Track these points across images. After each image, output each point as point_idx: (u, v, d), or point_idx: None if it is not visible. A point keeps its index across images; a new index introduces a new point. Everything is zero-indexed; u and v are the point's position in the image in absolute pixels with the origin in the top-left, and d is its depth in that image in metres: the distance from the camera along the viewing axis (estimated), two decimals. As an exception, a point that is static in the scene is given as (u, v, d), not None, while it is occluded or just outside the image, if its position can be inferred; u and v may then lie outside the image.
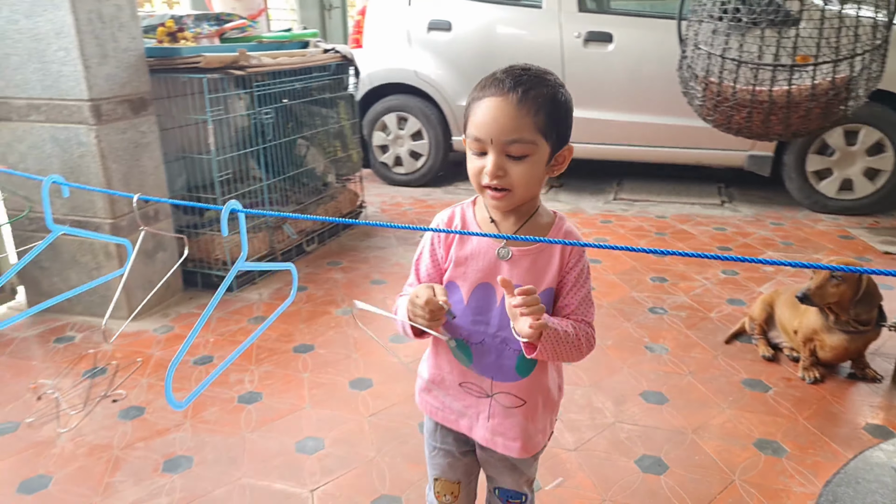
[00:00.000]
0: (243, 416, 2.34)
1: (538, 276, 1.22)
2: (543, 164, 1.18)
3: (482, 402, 1.30)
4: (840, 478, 1.45)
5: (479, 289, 1.24)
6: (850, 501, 1.40)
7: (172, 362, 1.01)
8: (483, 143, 1.14)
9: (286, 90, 3.72)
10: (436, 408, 1.36)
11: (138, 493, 1.97)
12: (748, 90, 3.22)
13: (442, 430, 1.39)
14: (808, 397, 2.39)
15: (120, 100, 2.89)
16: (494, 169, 1.14)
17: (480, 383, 1.29)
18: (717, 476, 1.98)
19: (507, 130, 1.12)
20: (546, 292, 1.24)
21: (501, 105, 1.13)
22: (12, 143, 2.92)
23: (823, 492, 1.42)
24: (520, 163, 1.14)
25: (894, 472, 1.49)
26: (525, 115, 1.12)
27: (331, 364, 2.67)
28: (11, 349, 2.83)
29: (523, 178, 1.15)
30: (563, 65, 4.85)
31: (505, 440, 1.30)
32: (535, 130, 1.13)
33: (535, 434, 1.32)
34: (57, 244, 3.04)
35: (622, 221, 4.46)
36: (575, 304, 1.24)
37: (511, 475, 1.39)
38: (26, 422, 2.32)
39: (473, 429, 1.32)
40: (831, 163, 4.43)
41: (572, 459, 2.07)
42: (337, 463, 2.09)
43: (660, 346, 2.76)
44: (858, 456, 1.50)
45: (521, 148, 1.13)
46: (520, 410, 1.28)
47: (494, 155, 1.14)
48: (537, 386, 1.28)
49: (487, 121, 1.13)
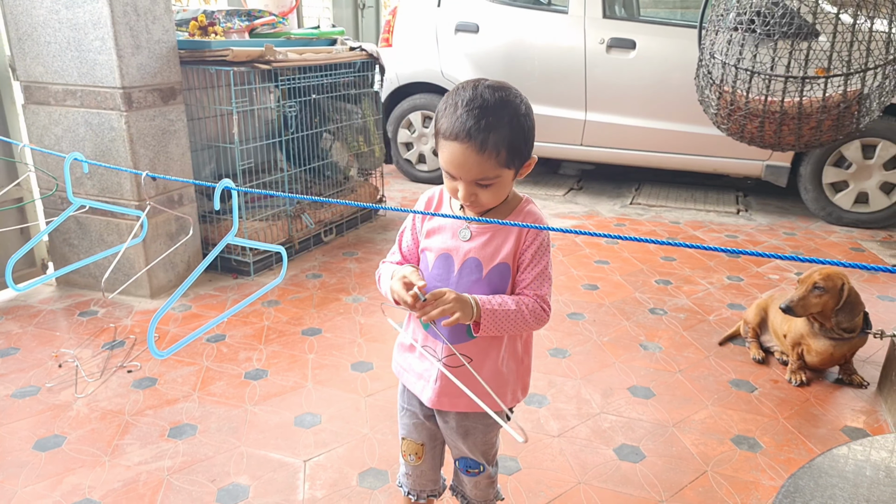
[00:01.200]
0: (248, 391, 2.47)
1: (495, 251, 1.35)
2: (510, 182, 1.32)
3: (433, 366, 1.40)
4: (804, 471, 1.52)
5: (442, 258, 1.38)
6: (810, 493, 1.47)
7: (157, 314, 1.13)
8: (454, 176, 1.28)
9: (312, 85, 3.86)
10: (403, 368, 1.50)
11: (144, 455, 2.11)
12: (760, 100, 3.27)
13: (408, 392, 1.51)
14: (791, 399, 2.45)
15: (150, 88, 3.06)
16: (466, 196, 1.28)
17: (435, 346, 1.40)
18: (691, 466, 2.06)
19: (472, 173, 1.25)
20: (502, 266, 1.35)
21: (465, 152, 1.23)
22: (49, 126, 3.10)
23: (786, 483, 1.49)
24: (488, 189, 1.28)
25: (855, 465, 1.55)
26: (488, 158, 1.23)
27: (336, 347, 2.80)
28: (38, 320, 3.00)
29: (492, 198, 1.31)
30: (585, 70, 4.93)
31: (450, 398, 1.40)
32: (498, 167, 1.26)
33: (483, 395, 1.40)
34: (85, 224, 3.21)
35: (636, 225, 4.53)
36: (530, 278, 1.36)
37: (465, 442, 1.48)
38: (46, 386, 2.48)
39: (423, 391, 1.43)
40: (848, 175, 4.45)
41: (554, 445, 2.16)
42: (331, 437, 2.21)
43: (654, 345, 2.84)
44: (826, 452, 1.57)
45: (488, 181, 1.27)
46: (465, 369, 1.37)
47: (465, 186, 1.28)
48: (486, 346, 1.38)
49: (455, 163, 1.25)
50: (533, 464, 2.07)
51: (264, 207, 3.74)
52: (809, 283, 2.45)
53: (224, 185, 1.19)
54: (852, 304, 2.43)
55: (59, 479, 1.99)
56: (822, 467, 1.53)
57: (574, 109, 5.04)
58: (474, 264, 1.35)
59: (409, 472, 1.59)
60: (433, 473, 1.60)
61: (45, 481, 1.98)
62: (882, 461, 1.56)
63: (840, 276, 2.46)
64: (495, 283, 1.35)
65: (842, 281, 2.45)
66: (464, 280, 1.35)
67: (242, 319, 3.03)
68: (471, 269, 1.35)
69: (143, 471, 2.03)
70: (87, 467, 2.04)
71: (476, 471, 1.52)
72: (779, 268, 3.77)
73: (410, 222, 1.45)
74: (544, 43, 5.07)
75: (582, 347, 2.82)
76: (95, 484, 1.97)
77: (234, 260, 3.53)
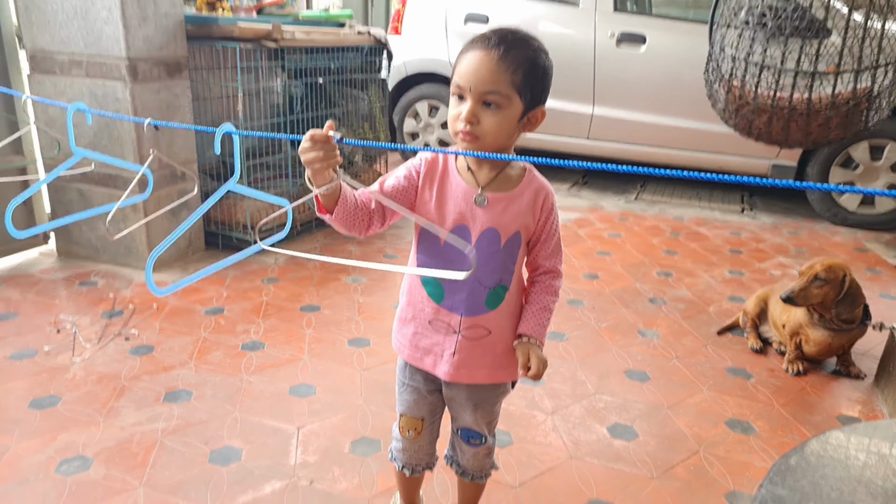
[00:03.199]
0: (244, 361, 2.47)
1: (510, 220, 1.32)
2: (515, 120, 1.27)
3: (449, 339, 1.38)
4: (796, 451, 1.51)
5: (457, 230, 1.32)
6: (802, 473, 1.46)
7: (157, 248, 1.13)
8: (463, 89, 1.24)
9: (319, 67, 3.86)
10: (403, 345, 1.45)
11: (138, 417, 2.11)
12: (769, 95, 3.26)
13: (410, 367, 1.48)
14: (787, 387, 2.44)
15: (156, 61, 3.06)
16: (469, 115, 1.23)
17: (449, 320, 1.37)
18: (684, 446, 2.05)
19: (485, 81, 1.22)
20: (515, 236, 1.33)
21: (484, 58, 1.22)
22: (54, 95, 3.11)
23: (778, 462, 1.48)
24: (493, 113, 1.23)
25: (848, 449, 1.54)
26: (504, 70, 1.21)
27: (333, 324, 2.80)
28: (38, 288, 3.01)
29: (493, 127, 1.24)
30: (594, 63, 4.92)
31: (469, 370, 1.39)
32: (510, 86, 1.22)
33: (501, 366, 1.40)
34: (87, 195, 3.22)
35: (639, 220, 4.52)
36: (547, 252, 1.38)
37: (473, 414, 1.48)
38: (44, 350, 2.49)
39: (437, 365, 1.40)
40: (854, 176, 4.43)
41: (548, 422, 2.16)
42: (325, 407, 2.21)
43: (652, 332, 2.83)
44: (820, 435, 1.56)
45: (496, 98, 1.22)
46: (486, 340, 1.37)
47: (471, 102, 1.23)
48: (505, 317, 1.38)
49: (469, 70, 1.23)
50: (525, 438, 2.07)
51: (266, 188, 3.74)
52: (811, 274, 2.45)
53: (225, 130, 1.19)
54: (853, 295, 2.43)
55: (53, 436, 1.99)
56: (815, 449, 1.53)
57: (582, 103, 5.04)
58: (493, 235, 1.31)
59: (404, 448, 1.56)
60: (430, 447, 1.59)
61: (39, 438, 1.98)
62: (875, 446, 1.55)
63: (842, 268, 2.45)
64: (512, 253, 1.34)
65: (843, 272, 2.45)
66: (482, 253, 1.31)
67: (241, 294, 3.03)
68: (489, 241, 1.31)
69: (137, 431, 2.03)
70: (82, 426, 2.05)
71: (478, 442, 1.52)
72: (781, 264, 3.76)
73: (407, 168, 1.35)
74: (554, 35, 5.07)
75: (580, 332, 2.81)
76: (89, 442, 1.97)
77: (235, 238, 3.53)
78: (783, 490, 1.28)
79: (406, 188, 1.34)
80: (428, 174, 1.35)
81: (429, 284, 1.37)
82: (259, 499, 1.78)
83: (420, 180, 1.35)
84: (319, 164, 1.15)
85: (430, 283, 1.37)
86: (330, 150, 1.15)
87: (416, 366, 1.45)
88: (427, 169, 1.35)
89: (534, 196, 1.33)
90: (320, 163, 1.15)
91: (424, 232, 1.36)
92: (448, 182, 1.34)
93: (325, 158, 1.15)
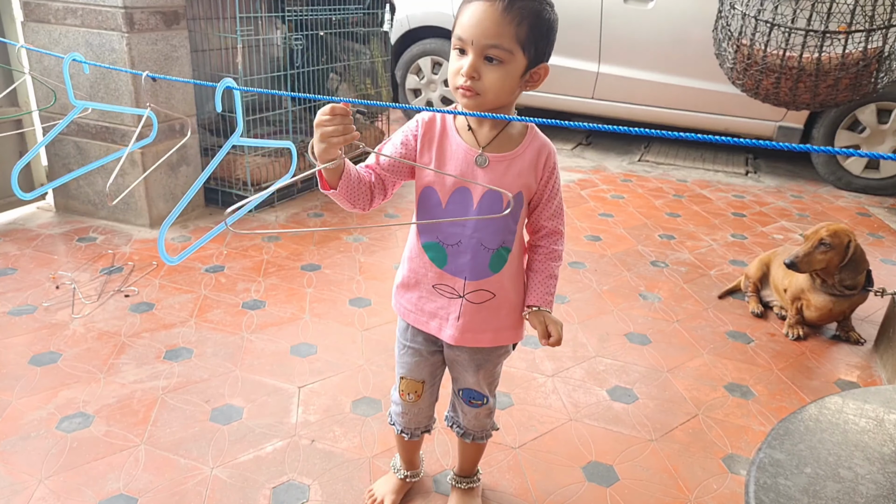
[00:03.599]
0: (245, 320, 2.47)
1: (512, 181, 1.29)
2: (517, 76, 1.22)
3: (453, 303, 1.37)
4: (795, 416, 1.51)
5: (457, 193, 1.30)
6: (800, 437, 1.46)
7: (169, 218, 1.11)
8: (465, 42, 1.19)
9: (320, 19, 3.78)
10: (408, 310, 1.44)
11: (139, 375, 2.11)
12: (778, 55, 3.19)
13: (412, 329, 1.47)
14: (787, 351, 2.44)
15: (153, 10, 2.99)
16: (470, 70, 1.19)
17: (454, 284, 1.35)
18: (683, 409, 2.06)
19: (488, 34, 1.17)
20: (517, 196, 1.31)
21: (487, 10, 1.17)
22: (48, 45, 3.04)
23: (776, 426, 1.48)
24: (495, 68, 1.19)
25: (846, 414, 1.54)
26: (508, 23, 1.16)
27: (334, 283, 2.79)
28: (37, 243, 2.99)
29: (495, 83, 1.20)
30: (601, 21, 4.82)
31: (474, 334, 1.38)
32: (514, 40, 1.18)
33: (505, 328, 1.40)
34: (84, 149, 3.18)
35: (642, 182, 4.48)
36: (549, 213, 1.36)
37: (475, 375, 1.48)
38: (44, 306, 2.48)
39: (443, 329, 1.39)
40: (860, 140, 4.38)
41: (548, 384, 2.16)
42: (326, 366, 2.21)
43: (653, 296, 2.83)
44: (818, 400, 1.56)
45: (499, 53, 1.18)
46: (490, 304, 1.36)
47: (473, 56, 1.19)
48: (508, 279, 1.36)
49: (472, 23, 1.18)
50: (526, 400, 2.07)
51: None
52: (816, 239, 2.43)
53: (225, 85, 1.16)
54: (857, 261, 2.41)
55: (53, 392, 2.00)
56: (813, 414, 1.53)
57: (587, 61, 4.95)
58: (494, 196, 1.28)
59: (404, 412, 1.56)
60: (429, 410, 1.59)
61: (39, 394, 1.99)
62: (873, 411, 1.55)
63: (846, 234, 2.43)
64: (514, 213, 1.32)
65: (848, 238, 2.43)
66: (484, 214, 1.29)
67: (242, 252, 3.02)
68: (491, 202, 1.29)
69: (138, 388, 2.04)
70: (82, 383, 2.05)
71: (479, 402, 1.52)
72: (784, 228, 3.74)
73: (404, 132, 1.33)
74: (560, -9, 4.95)
75: (581, 294, 2.81)
76: (90, 399, 1.98)
77: (235, 195, 3.50)
78: (781, 454, 1.29)
79: (403, 155, 1.32)
80: (426, 136, 1.32)
81: (430, 250, 1.35)
82: (260, 457, 1.79)
83: (418, 144, 1.32)
84: (337, 139, 1.14)
85: (433, 249, 1.35)
86: (349, 125, 1.14)
87: (421, 328, 1.44)
88: (425, 130, 1.32)
89: (536, 155, 1.30)
90: (339, 136, 1.14)
91: (424, 196, 1.34)
92: (448, 142, 1.31)
93: (343, 132, 1.14)
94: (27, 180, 3.37)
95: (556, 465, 1.82)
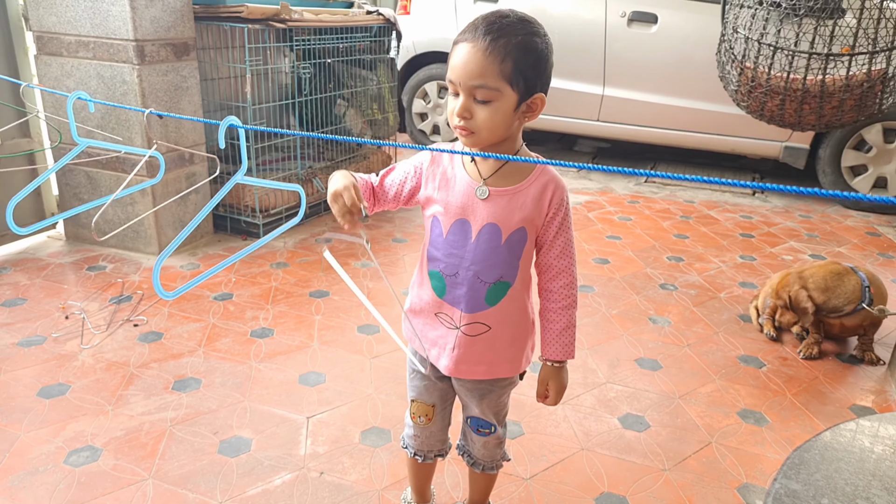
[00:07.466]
0: (253, 349, 2.46)
1: (514, 214, 1.29)
2: (510, 111, 1.22)
3: (450, 334, 1.37)
4: (810, 444, 1.49)
5: (457, 224, 1.31)
6: (815, 465, 1.44)
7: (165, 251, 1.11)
8: (454, 84, 1.21)
9: (328, 47, 3.82)
10: (413, 335, 1.45)
11: (147, 406, 2.11)
12: (782, 77, 3.20)
13: (420, 354, 1.47)
14: (800, 376, 2.42)
15: (164, 42, 3.02)
16: (461, 110, 1.21)
17: (452, 314, 1.36)
18: (696, 437, 2.04)
19: (472, 75, 1.18)
20: (521, 231, 1.30)
21: (471, 51, 1.18)
22: (61, 77, 3.08)
23: (791, 455, 1.46)
24: (485, 107, 1.20)
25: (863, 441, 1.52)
26: (491, 62, 1.17)
27: (343, 310, 2.79)
28: (47, 273, 3.00)
29: (487, 121, 1.21)
30: (605, 44, 4.85)
31: (469, 366, 1.38)
32: (499, 77, 1.18)
33: (501, 361, 1.39)
34: (95, 178, 3.20)
35: (650, 203, 4.48)
36: (557, 251, 1.33)
37: (480, 404, 1.47)
38: (53, 336, 2.48)
39: (440, 358, 1.40)
40: (867, 159, 4.37)
41: (559, 412, 2.14)
42: (335, 396, 2.20)
43: (663, 319, 2.81)
44: (833, 427, 1.54)
45: (486, 93, 1.19)
46: (485, 336, 1.35)
47: (463, 97, 1.21)
48: (504, 313, 1.35)
49: (459, 65, 1.20)
50: (536, 429, 2.05)
51: (275, 171, 3.72)
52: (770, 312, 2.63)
53: (229, 123, 1.16)
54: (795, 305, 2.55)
55: (62, 425, 1.99)
56: (828, 442, 1.51)
57: (592, 84, 4.97)
58: (494, 230, 1.28)
59: (416, 434, 1.56)
60: (442, 434, 1.58)
61: (48, 427, 1.98)
62: (890, 438, 1.53)
63: (784, 288, 2.58)
64: (515, 249, 1.31)
65: (786, 293, 2.57)
66: (482, 247, 1.29)
67: (250, 280, 3.02)
68: (490, 236, 1.29)
69: (147, 421, 2.03)
70: (91, 415, 2.05)
71: (487, 431, 1.51)
72: (793, 248, 3.72)
73: (417, 163, 1.36)
74: (564, 14, 4.99)
75: (590, 319, 2.79)
76: (98, 431, 1.97)
77: (244, 221, 3.52)
78: (797, 484, 1.26)
79: (416, 178, 1.36)
80: (433, 165, 1.35)
81: (434, 278, 1.36)
82: (269, 491, 1.77)
83: (425, 172, 1.35)
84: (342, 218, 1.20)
85: (435, 277, 1.36)
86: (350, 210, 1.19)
87: (423, 355, 1.44)
88: (432, 161, 1.35)
89: (541, 190, 1.29)
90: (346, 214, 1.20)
91: (431, 225, 1.36)
92: (453, 174, 1.33)
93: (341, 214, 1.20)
94: (37, 210, 3.39)
95: (569, 496, 1.80)
